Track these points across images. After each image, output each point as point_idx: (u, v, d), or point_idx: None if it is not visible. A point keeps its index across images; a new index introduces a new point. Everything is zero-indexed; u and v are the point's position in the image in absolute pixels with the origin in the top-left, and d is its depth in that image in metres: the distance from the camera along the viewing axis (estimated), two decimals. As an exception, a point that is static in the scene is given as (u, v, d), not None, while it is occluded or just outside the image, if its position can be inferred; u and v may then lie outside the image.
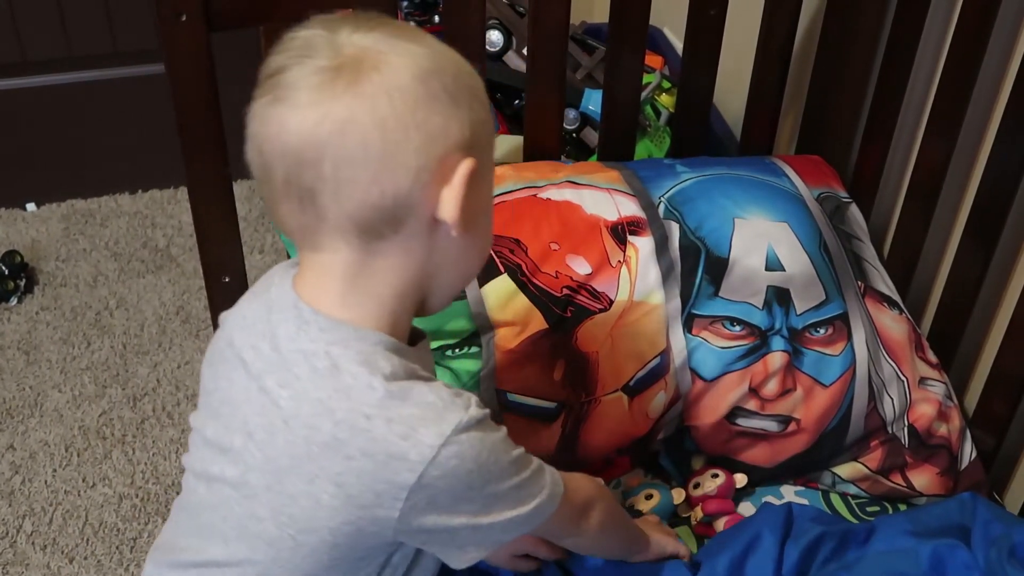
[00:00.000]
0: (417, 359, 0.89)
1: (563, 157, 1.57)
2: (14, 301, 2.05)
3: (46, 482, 1.74)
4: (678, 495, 1.29)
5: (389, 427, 0.81)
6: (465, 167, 0.82)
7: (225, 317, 0.97)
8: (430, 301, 0.91)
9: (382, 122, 0.79)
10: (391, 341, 0.86)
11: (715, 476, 1.30)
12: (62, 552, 1.64)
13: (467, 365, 1.25)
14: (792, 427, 1.32)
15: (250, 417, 0.87)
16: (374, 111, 0.79)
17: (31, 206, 2.28)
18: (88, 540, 1.66)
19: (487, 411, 0.86)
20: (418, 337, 0.94)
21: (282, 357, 0.85)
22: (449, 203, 0.83)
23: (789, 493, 1.35)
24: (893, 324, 1.40)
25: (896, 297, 1.44)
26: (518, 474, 0.88)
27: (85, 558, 1.64)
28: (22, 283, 2.07)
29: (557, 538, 1.08)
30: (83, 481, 1.74)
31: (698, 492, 1.29)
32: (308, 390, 0.83)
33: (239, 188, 2.26)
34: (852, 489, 1.35)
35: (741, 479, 1.30)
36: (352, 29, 0.82)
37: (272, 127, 0.81)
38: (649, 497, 1.27)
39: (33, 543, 1.65)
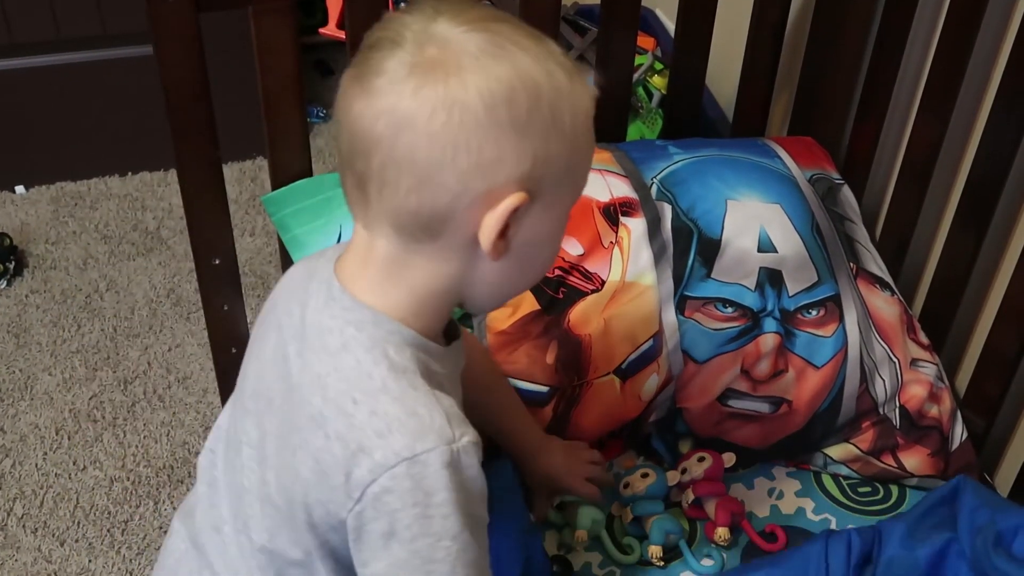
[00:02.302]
0: (444, 359, 0.87)
1: (555, 139, 1.57)
2: (3, 284, 2.04)
3: (37, 465, 1.74)
4: (672, 477, 1.29)
5: (370, 419, 0.79)
6: (511, 201, 0.79)
7: (285, 274, 0.97)
8: (468, 306, 0.89)
9: (434, 137, 0.76)
10: (410, 334, 0.84)
11: (701, 459, 1.30)
12: (53, 535, 1.64)
13: (459, 347, 1.25)
14: (784, 408, 1.32)
15: (272, 382, 0.88)
16: (430, 123, 0.76)
17: (20, 189, 2.26)
18: (79, 523, 1.66)
19: (475, 464, 0.81)
20: (453, 336, 0.92)
21: (305, 327, 0.85)
22: (487, 232, 0.80)
23: (781, 474, 1.35)
24: (885, 306, 1.40)
25: (888, 279, 1.44)
26: (458, 553, 0.81)
27: (76, 541, 1.64)
28: (11, 266, 2.06)
29: None
30: (74, 464, 1.74)
31: (686, 477, 1.29)
32: (313, 363, 0.83)
33: (229, 170, 2.25)
34: (843, 470, 1.36)
35: (729, 458, 1.30)
36: (454, 23, 0.78)
37: (346, 102, 0.80)
38: (645, 475, 1.27)
39: (24, 526, 1.65)
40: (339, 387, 0.81)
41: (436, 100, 0.76)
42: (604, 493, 1.26)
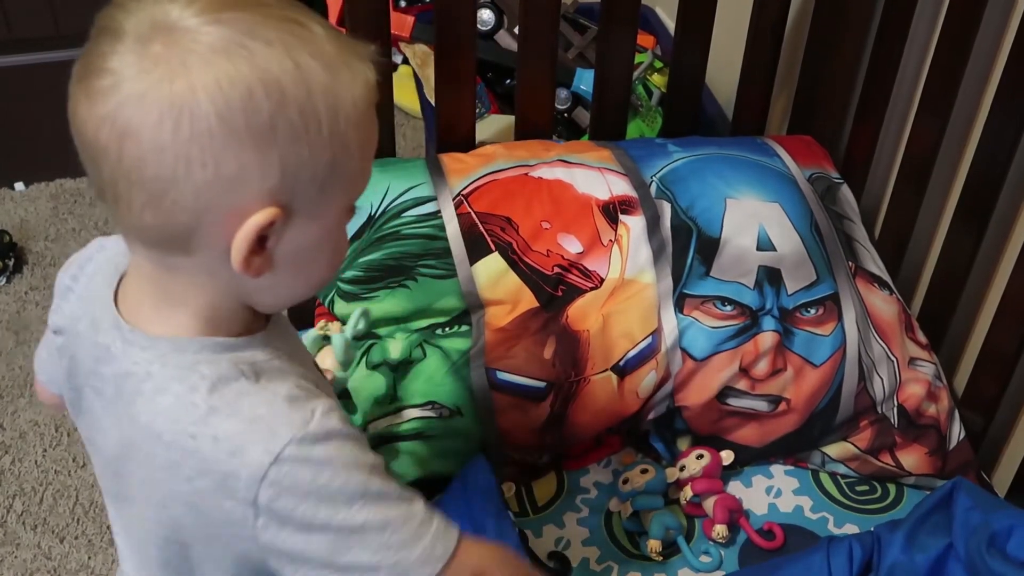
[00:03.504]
0: (270, 339, 0.79)
1: (554, 137, 1.57)
2: (3, 281, 2.04)
3: (36, 462, 1.74)
4: (671, 474, 1.29)
5: (216, 445, 0.73)
6: (258, 219, 0.69)
7: (58, 327, 0.86)
8: (259, 309, 0.80)
9: (163, 150, 0.66)
10: (215, 342, 0.76)
11: (700, 457, 1.30)
12: (52, 532, 1.64)
13: (457, 344, 1.25)
14: (782, 407, 1.32)
15: (112, 447, 0.81)
16: (157, 134, 0.66)
17: (19, 186, 2.26)
18: (78, 520, 1.66)
19: (339, 426, 0.75)
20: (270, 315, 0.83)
21: (115, 384, 0.78)
22: (235, 254, 0.70)
23: (779, 472, 1.35)
24: (883, 304, 1.40)
25: (887, 277, 1.44)
26: (377, 505, 0.75)
27: (75, 537, 1.64)
28: (11, 263, 2.06)
29: None
30: (73, 461, 1.74)
31: (684, 475, 1.29)
32: (137, 416, 0.76)
33: (229, 168, 2.26)
34: (841, 469, 1.36)
35: (727, 456, 1.30)
36: (187, 10, 0.67)
37: (71, 105, 0.71)
38: (644, 471, 1.27)
39: (23, 523, 1.65)
40: (171, 429, 0.74)
41: (161, 107, 0.66)
42: (602, 489, 1.26)
